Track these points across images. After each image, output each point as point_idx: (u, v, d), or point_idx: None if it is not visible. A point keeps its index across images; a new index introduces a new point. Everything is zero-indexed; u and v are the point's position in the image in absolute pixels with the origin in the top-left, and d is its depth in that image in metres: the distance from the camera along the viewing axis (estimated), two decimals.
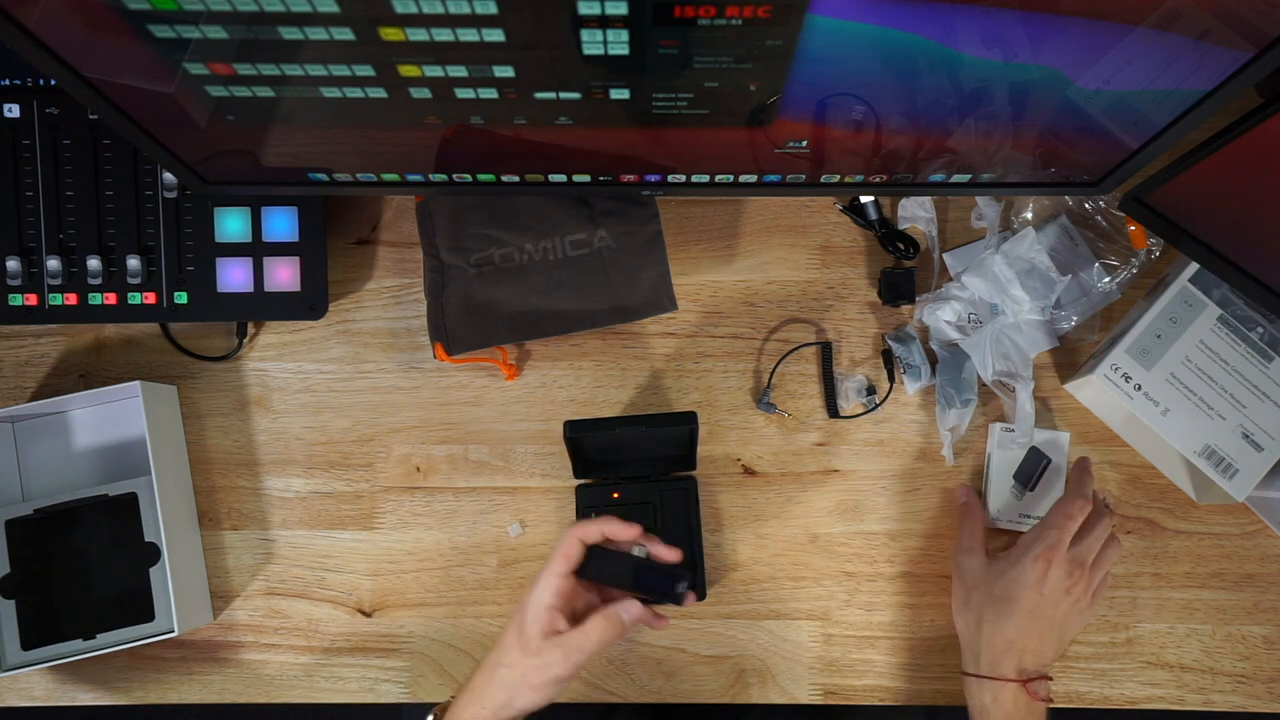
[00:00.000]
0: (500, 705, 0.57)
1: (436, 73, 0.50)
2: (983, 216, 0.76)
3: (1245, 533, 0.74)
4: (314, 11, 0.44)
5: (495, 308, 0.72)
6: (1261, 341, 0.71)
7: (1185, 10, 0.44)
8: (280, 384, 0.77)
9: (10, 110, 0.70)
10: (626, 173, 0.64)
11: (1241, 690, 0.73)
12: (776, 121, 0.56)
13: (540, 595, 0.57)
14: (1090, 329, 0.76)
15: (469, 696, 0.59)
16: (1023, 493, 0.73)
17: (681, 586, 0.58)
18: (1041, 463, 0.73)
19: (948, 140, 0.58)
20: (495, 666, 0.58)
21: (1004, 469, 0.74)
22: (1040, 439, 0.74)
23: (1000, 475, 0.74)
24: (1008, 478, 0.74)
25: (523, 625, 0.57)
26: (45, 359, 0.77)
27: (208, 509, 0.76)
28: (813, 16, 0.45)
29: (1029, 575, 0.65)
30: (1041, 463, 0.73)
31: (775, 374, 0.76)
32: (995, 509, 0.73)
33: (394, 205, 0.79)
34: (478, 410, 0.76)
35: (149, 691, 0.75)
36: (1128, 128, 0.57)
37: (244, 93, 0.53)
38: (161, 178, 0.72)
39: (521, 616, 0.58)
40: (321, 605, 0.75)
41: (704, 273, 0.77)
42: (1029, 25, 0.46)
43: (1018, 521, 0.73)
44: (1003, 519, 0.74)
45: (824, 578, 0.74)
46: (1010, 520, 0.73)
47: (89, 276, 0.71)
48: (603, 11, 0.44)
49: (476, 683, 0.59)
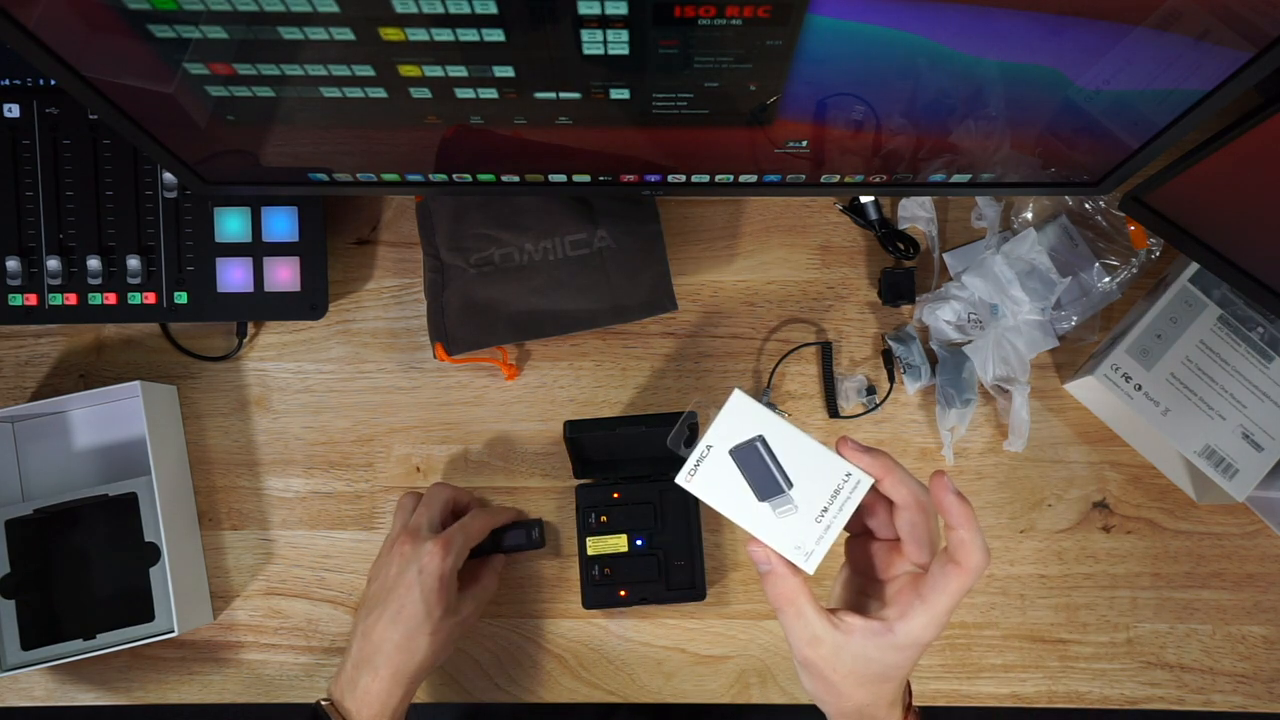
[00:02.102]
0: (418, 668, 0.63)
1: (436, 73, 0.50)
2: (983, 216, 0.76)
3: (1245, 533, 0.74)
4: (314, 11, 0.44)
5: (495, 308, 0.72)
6: (1261, 341, 0.71)
7: (1185, 10, 0.44)
8: (280, 384, 0.77)
9: (10, 110, 0.70)
10: (626, 173, 0.64)
11: (1241, 690, 0.73)
12: (776, 121, 0.56)
13: (445, 566, 0.64)
14: (1090, 329, 0.76)
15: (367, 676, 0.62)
16: (786, 496, 0.46)
17: (535, 531, 0.70)
18: (756, 448, 0.47)
19: (948, 140, 0.58)
20: (411, 637, 0.62)
21: (731, 491, 0.47)
22: (724, 431, 0.47)
23: (736, 501, 0.47)
24: (748, 495, 0.47)
25: (430, 594, 0.63)
26: (45, 359, 0.77)
27: (208, 509, 0.76)
28: (813, 16, 0.45)
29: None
30: (756, 448, 0.47)
31: (775, 374, 0.76)
32: (794, 546, 0.46)
33: (394, 205, 0.79)
34: (478, 410, 0.76)
35: (149, 691, 0.75)
36: (1128, 128, 0.56)
37: (244, 93, 0.53)
38: (161, 178, 0.72)
39: (423, 590, 0.63)
40: (321, 605, 0.75)
41: (704, 273, 0.77)
42: (1029, 25, 0.46)
43: (823, 539, 0.46)
44: (813, 554, 0.47)
45: (824, 578, 0.74)
46: (817, 542, 0.47)
47: (89, 276, 0.71)
48: (603, 11, 0.44)
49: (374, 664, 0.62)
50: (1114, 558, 0.74)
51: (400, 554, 0.64)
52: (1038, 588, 0.74)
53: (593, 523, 0.72)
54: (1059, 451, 0.75)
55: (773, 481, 0.46)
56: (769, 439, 0.46)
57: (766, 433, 0.46)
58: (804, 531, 0.46)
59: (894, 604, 0.46)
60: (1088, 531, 0.74)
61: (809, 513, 0.46)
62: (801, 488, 0.46)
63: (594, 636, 0.74)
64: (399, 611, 0.62)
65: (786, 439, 0.46)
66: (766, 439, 0.46)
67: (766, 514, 0.46)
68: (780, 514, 0.46)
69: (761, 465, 0.46)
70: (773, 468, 0.46)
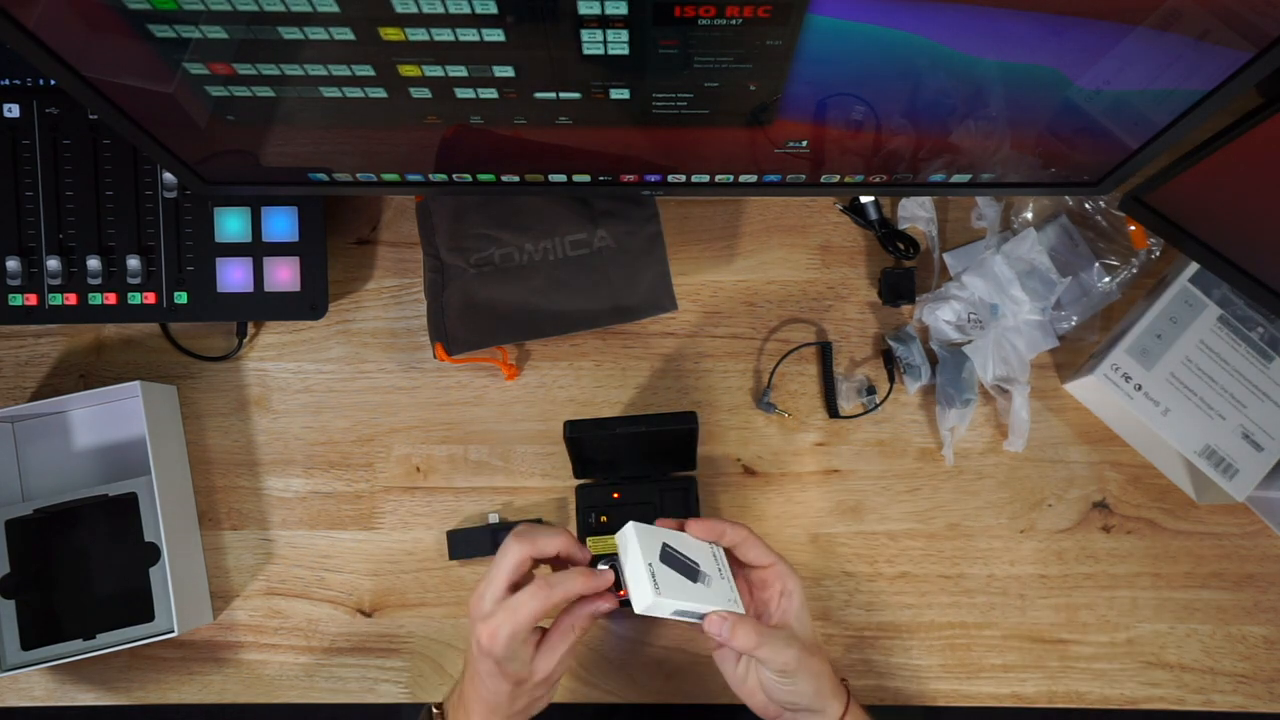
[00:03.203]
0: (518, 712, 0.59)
1: (436, 73, 0.50)
2: (983, 216, 0.76)
3: (1245, 533, 0.74)
4: (314, 11, 0.44)
5: (495, 308, 0.72)
6: (1261, 341, 0.71)
7: (1185, 10, 0.44)
8: (280, 384, 0.77)
9: (10, 110, 0.70)
10: (626, 173, 0.64)
11: (1241, 690, 0.73)
12: (776, 121, 0.56)
13: (508, 628, 0.54)
14: (1090, 329, 0.76)
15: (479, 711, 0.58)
16: (702, 573, 0.57)
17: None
18: (669, 552, 0.56)
19: (948, 140, 0.58)
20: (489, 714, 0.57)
21: (683, 589, 0.55)
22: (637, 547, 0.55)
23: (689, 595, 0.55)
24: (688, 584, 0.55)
25: (500, 665, 0.55)
26: (45, 359, 0.77)
27: (208, 509, 0.76)
28: (813, 16, 0.45)
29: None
30: (669, 552, 0.56)
31: (775, 374, 0.76)
32: (728, 601, 0.57)
33: (394, 205, 0.79)
34: (478, 410, 0.76)
35: (149, 691, 0.75)
36: (1128, 128, 0.57)
37: (244, 93, 0.53)
38: (161, 178, 0.72)
39: (493, 656, 0.54)
40: (321, 605, 0.75)
41: (704, 273, 0.77)
42: (1029, 25, 0.46)
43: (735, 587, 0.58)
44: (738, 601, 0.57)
45: (824, 578, 0.74)
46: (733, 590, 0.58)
47: (89, 276, 0.71)
48: (603, 11, 0.44)
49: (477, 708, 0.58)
50: (1114, 558, 0.74)
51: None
52: (1038, 588, 0.74)
53: (593, 523, 0.72)
54: (1059, 451, 0.75)
55: (691, 567, 0.56)
56: (669, 543, 0.56)
57: (665, 540, 0.56)
58: (725, 590, 0.57)
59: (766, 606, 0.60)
60: (1088, 531, 0.74)
61: (716, 576, 0.57)
62: (704, 563, 0.57)
63: (594, 636, 0.74)
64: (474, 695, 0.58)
65: (673, 538, 0.57)
66: (668, 543, 0.56)
67: (704, 590, 0.56)
68: (709, 585, 0.57)
69: (680, 560, 0.56)
70: (686, 559, 0.56)
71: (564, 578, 0.55)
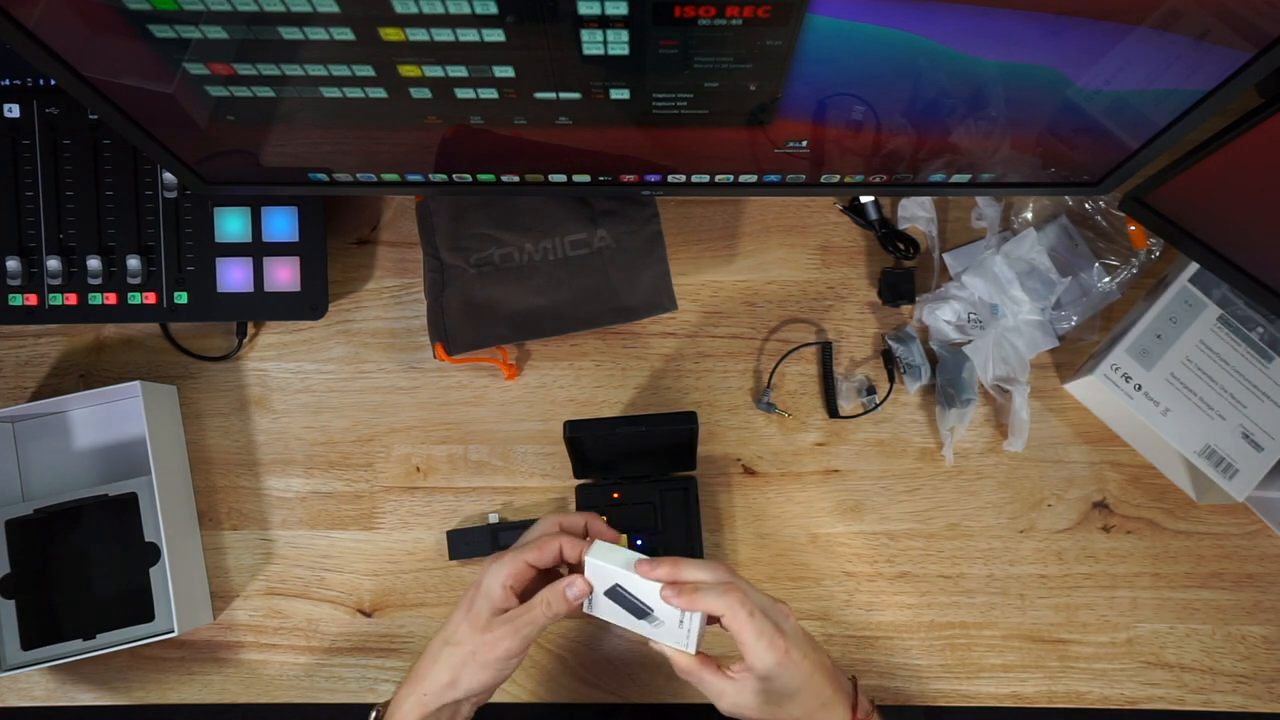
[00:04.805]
0: (444, 685, 0.56)
1: (436, 73, 0.50)
2: (983, 216, 0.76)
3: (1245, 533, 0.74)
4: (314, 11, 0.44)
5: (495, 308, 0.72)
6: (1261, 341, 0.71)
7: (1185, 10, 0.44)
8: (280, 384, 0.77)
9: (10, 110, 0.70)
10: (626, 173, 0.64)
11: (1241, 690, 0.73)
12: (776, 121, 0.56)
13: (497, 573, 0.56)
14: (1090, 329, 0.76)
15: (411, 684, 0.58)
16: (652, 615, 0.57)
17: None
18: (619, 592, 0.57)
19: (948, 140, 0.58)
20: (441, 646, 0.57)
21: (621, 615, 0.58)
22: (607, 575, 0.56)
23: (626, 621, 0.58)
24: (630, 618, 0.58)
25: (473, 601, 0.57)
26: (45, 359, 0.77)
27: (208, 509, 0.76)
28: (813, 16, 0.45)
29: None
30: (619, 592, 0.57)
31: (775, 374, 0.76)
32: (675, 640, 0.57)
33: (394, 205, 0.79)
34: (478, 410, 0.76)
35: (149, 691, 0.75)
36: (1128, 128, 0.57)
37: (244, 93, 0.53)
38: (161, 178, 0.72)
39: (473, 594, 0.57)
40: (321, 605, 0.75)
41: (704, 273, 0.77)
42: (1029, 25, 0.46)
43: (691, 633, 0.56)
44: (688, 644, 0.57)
45: (824, 578, 0.74)
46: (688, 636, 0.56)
47: (89, 276, 0.71)
48: (603, 11, 0.44)
49: (419, 668, 0.58)
50: (1114, 558, 0.74)
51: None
52: (1038, 588, 0.74)
53: None
54: (1059, 451, 0.75)
55: (639, 609, 0.56)
56: (622, 584, 0.56)
57: (619, 580, 0.56)
58: (675, 632, 0.56)
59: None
60: (1088, 531, 0.74)
61: (671, 621, 0.56)
62: (659, 609, 0.56)
63: (594, 636, 0.74)
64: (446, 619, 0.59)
65: (633, 582, 0.56)
66: (621, 585, 0.56)
67: (647, 626, 0.57)
68: (655, 626, 0.57)
69: (628, 601, 0.57)
70: (636, 601, 0.56)
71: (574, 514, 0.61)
